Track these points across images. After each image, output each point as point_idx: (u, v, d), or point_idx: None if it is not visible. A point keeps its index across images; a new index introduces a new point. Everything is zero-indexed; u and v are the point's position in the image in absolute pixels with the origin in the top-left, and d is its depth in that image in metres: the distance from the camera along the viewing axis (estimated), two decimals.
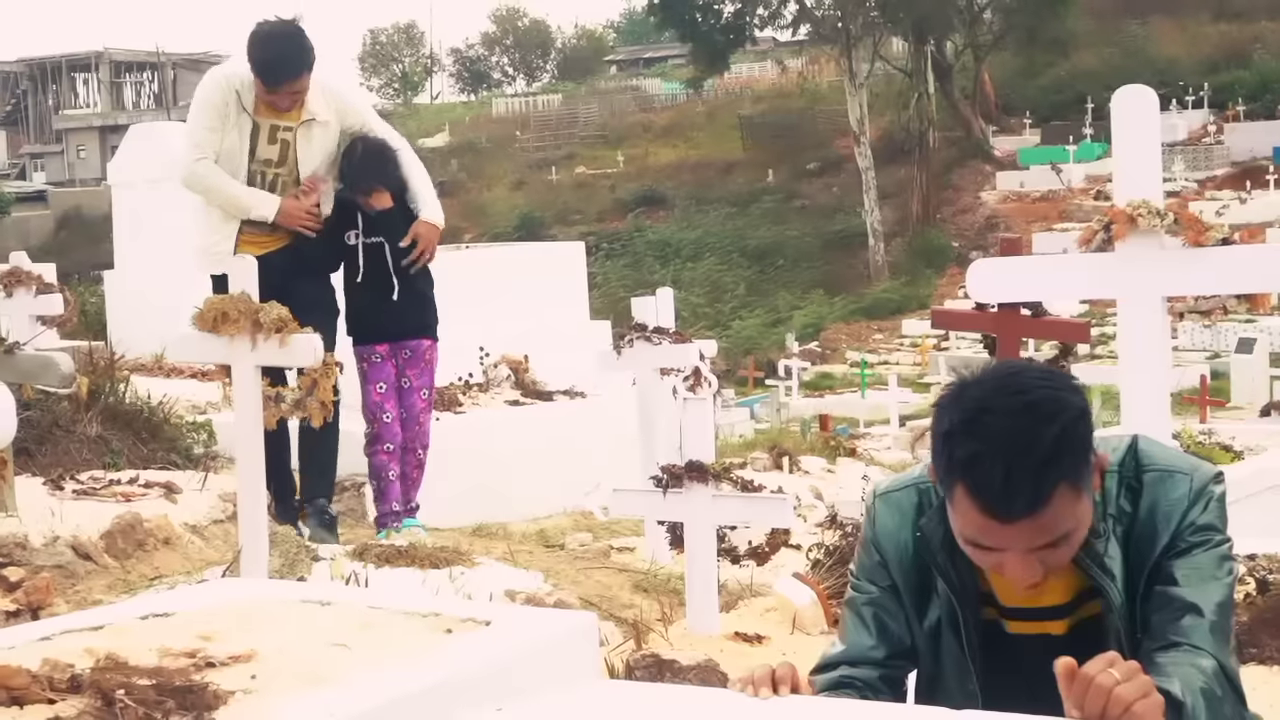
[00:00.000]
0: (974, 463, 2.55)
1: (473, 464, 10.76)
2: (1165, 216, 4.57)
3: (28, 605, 5.63)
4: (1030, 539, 2.58)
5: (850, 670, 2.86)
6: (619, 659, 5.57)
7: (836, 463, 13.48)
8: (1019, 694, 2.61)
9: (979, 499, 2.55)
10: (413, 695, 3.08)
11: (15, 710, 3.04)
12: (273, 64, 7.34)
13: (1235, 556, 2.75)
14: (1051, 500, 2.54)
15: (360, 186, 8.00)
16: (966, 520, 2.61)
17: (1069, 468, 2.56)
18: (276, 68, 7.34)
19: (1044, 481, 2.53)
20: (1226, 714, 2.58)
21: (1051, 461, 2.53)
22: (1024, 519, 2.54)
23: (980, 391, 2.62)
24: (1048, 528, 2.57)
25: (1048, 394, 2.60)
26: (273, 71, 7.32)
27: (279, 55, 7.36)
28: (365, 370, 8.13)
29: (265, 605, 3.99)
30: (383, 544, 7.90)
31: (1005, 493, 2.52)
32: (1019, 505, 2.53)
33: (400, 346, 8.19)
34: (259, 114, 7.47)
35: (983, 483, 2.54)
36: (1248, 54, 53.07)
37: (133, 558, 7.16)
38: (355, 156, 8.09)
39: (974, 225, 47.76)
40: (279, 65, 7.35)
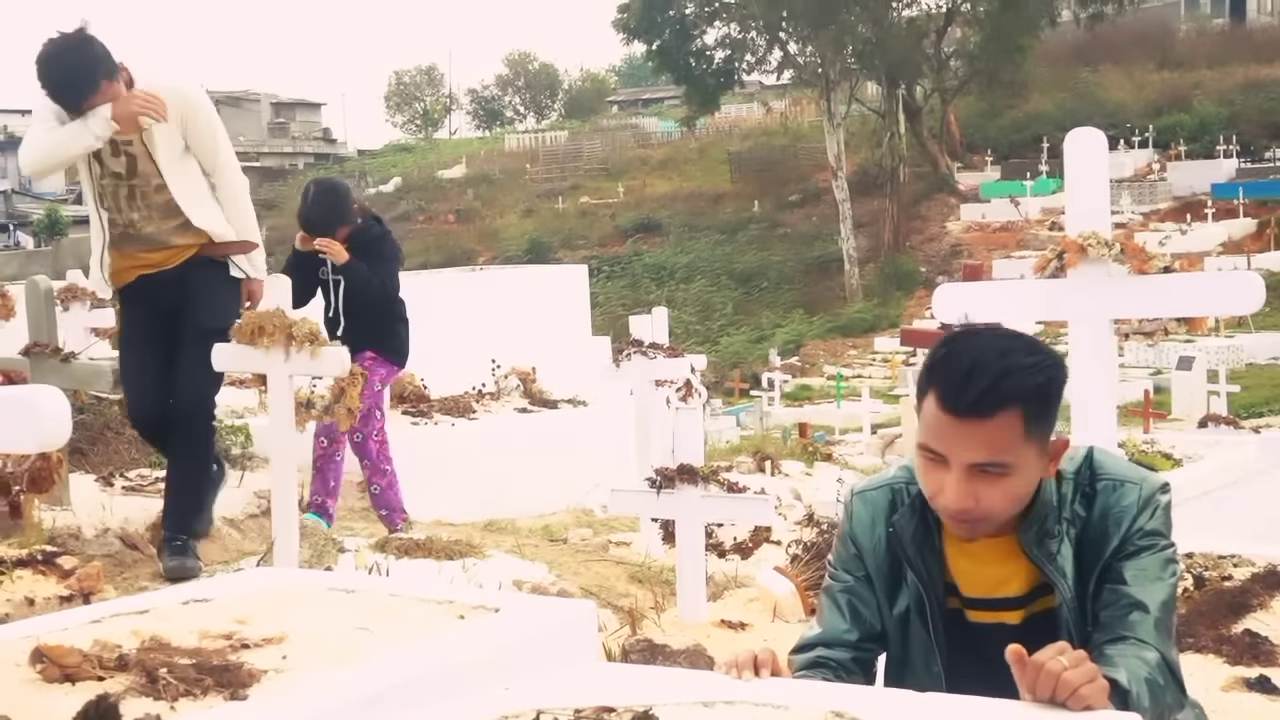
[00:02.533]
0: (946, 359, 2.61)
1: (484, 465, 10.77)
2: (1113, 246, 4.58)
3: (80, 591, 5.62)
4: (972, 450, 2.58)
5: (825, 651, 2.87)
6: (615, 643, 5.57)
7: (814, 466, 13.49)
8: (978, 677, 2.60)
9: (940, 389, 2.60)
10: (429, 675, 3.08)
11: (68, 686, 3.04)
12: (66, 85, 5.99)
13: (1178, 560, 2.75)
14: (999, 414, 2.56)
15: (323, 232, 7.80)
16: (926, 424, 2.64)
17: (1027, 396, 2.58)
18: (71, 89, 5.99)
19: (1000, 389, 2.55)
20: (1168, 701, 2.58)
21: (1013, 377, 2.56)
22: (971, 418, 2.56)
23: (977, 326, 2.71)
24: (989, 444, 2.58)
25: (1037, 342, 2.67)
26: (68, 94, 5.99)
27: (70, 75, 5.97)
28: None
29: (296, 592, 3.98)
30: (402, 537, 7.91)
31: (964, 384, 2.56)
32: (969, 397, 2.55)
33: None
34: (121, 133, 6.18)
35: (948, 374, 2.59)
36: (1189, 100, 53.11)
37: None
38: (309, 201, 7.88)
39: (940, 252, 47.76)
40: (72, 86, 5.99)
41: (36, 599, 5.48)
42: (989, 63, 50.04)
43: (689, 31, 53.04)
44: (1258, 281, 4.61)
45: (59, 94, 5.95)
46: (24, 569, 5.83)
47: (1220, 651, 4.18)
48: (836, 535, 3.03)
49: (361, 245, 8.01)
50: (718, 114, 60.94)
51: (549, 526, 9.97)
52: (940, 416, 2.60)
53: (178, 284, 6.25)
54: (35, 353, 7.68)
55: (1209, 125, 50.47)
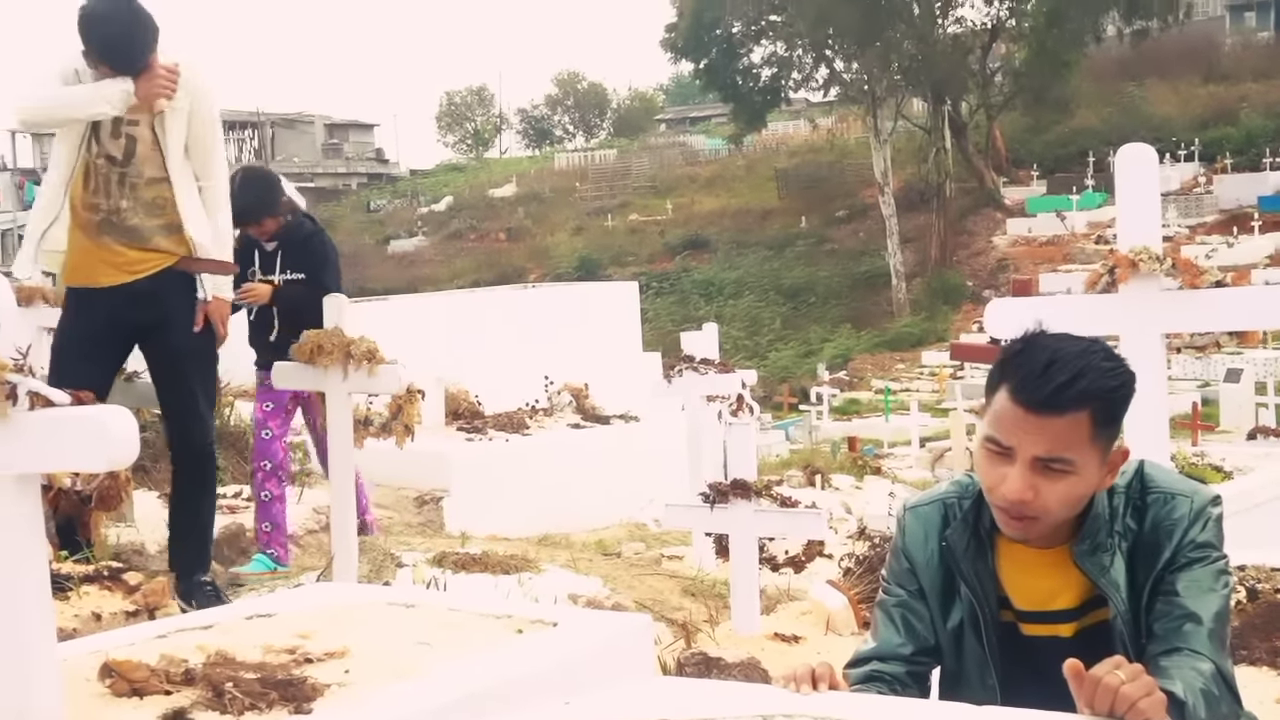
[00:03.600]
0: (1024, 353, 2.61)
1: (539, 481, 10.80)
2: (1164, 261, 4.56)
3: (145, 606, 5.65)
4: (1039, 444, 2.58)
5: (880, 665, 2.86)
6: (670, 657, 5.57)
7: (864, 480, 13.48)
8: (1032, 690, 2.60)
9: (1015, 381, 2.59)
10: (489, 689, 3.09)
11: (136, 700, 3.06)
12: (120, 44, 5.37)
13: (1230, 571, 2.74)
14: (1071, 411, 2.56)
15: (248, 220, 7.19)
16: (995, 415, 2.63)
17: (1100, 397, 2.57)
18: (124, 49, 5.39)
19: (1076, 386, 2.55)
20: (1223, 713, 2.57)
21: (1090, 376, 2.56)
22: (1044, 412, 2.56)
23: (1047, 331, 2.68)
24: (1056, 439, 2.57)
25: (1110, 349, 2.67)
26: (119, 53, 5.38)
27: (125, 35, 5.38)
28: (257, 390, 7.48)
29: (356, 607, 4.00)
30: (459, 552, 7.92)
31: (1042, 378, 2.55)
32: (1045, 392, 2.55)
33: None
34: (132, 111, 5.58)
35: (1024, 367, 2.58)
36: (1235, 113, 52.76)
37: (237, 563, 7.22)
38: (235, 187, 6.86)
39: (987, 267, 47.56)
40: (126, 46, 5.39)
41: (104, 614, 5.52)
42: (1034, 78, 49.84)
43: (736, 50, 53.07)
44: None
45: (109, 51, 5.37)
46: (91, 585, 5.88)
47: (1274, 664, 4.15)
48: (890, 550, 3.02)
49: (292, 244, 7.50)
50: (765, 131, 60.95)
51: (602, 541, 9.99)
52: (1013, 409, 2.59)
53: (149, 301, 5.64)
54: None
55: (1255, 138, 50.09)
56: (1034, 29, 49.37)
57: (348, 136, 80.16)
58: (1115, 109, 52.87)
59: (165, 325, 5.64)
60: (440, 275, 53.26)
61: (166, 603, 5.70)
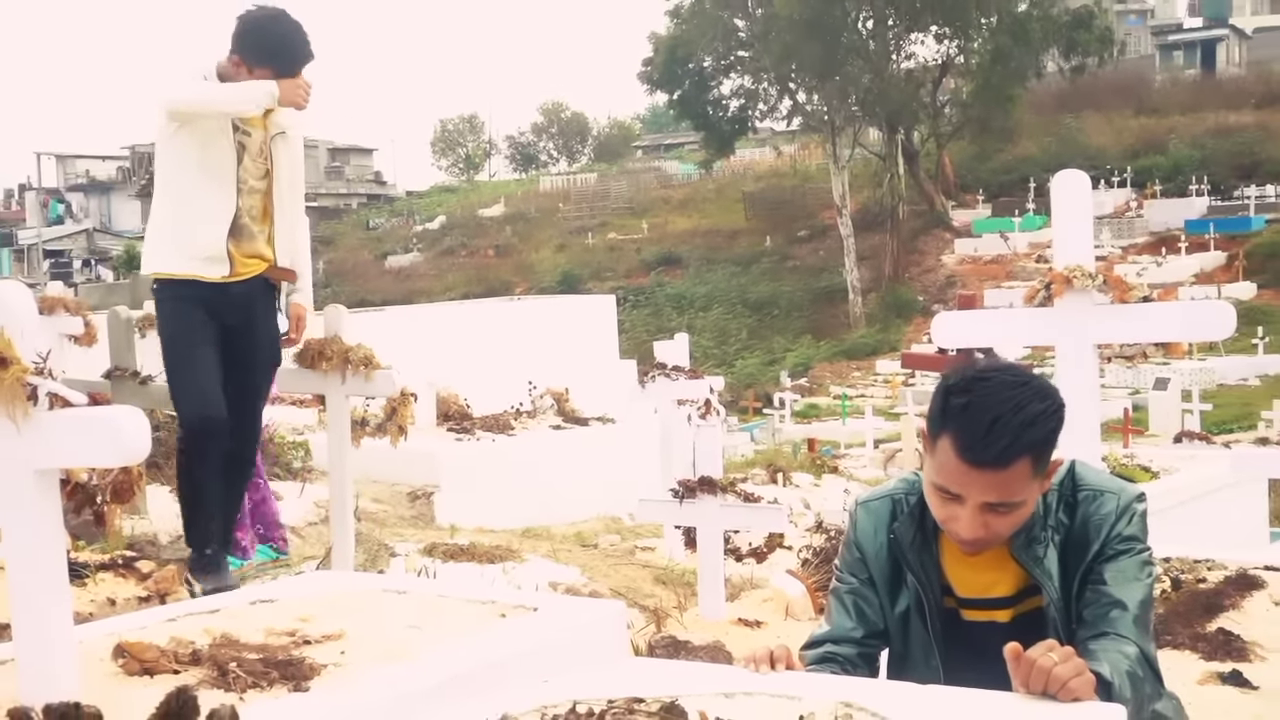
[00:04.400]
0: (964, 411, 2.58)
1: (522, 477, 10.79)
2: (1096, 278, 4.58)
3: (157, 592, 5.63)
4: (987, 492, 2.59)
5: (833, 647, 2.87)
6: (642, 640, 5.57)
7: (822, 478, 13.47)
8: (972, 670, 2.61)
9: (960, 441, 2.57)
10: (475, 669, 3.08)
11: (147, 679, 3.05)
12: (289, 48, 5.30)
13: (1154, 562, 2.76)
14: (1015, 464, 2.56)
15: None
16: (942, 465, 2.62)
17: (1039, 444, 2.58)
18: (292, 52, 5.30)
19: (1018, 442, 2.55)
20: (1147, 692, 2.58)
21: (1030, 428, 2.56)
22: (989, 469, 2.56)
23: (985, 366, 2.66)
24: (1003, 487, 2.59)
25: (1041, 384, 2.64)
26: (287, 56, 5.29)
27: (294, 40, 5.31)
28: None
29: (352, 594, 3.99)
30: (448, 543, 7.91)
31: (985, 440, 2.54)
32: (991, 454, 2.54)
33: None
34: (247, 121, 5.40)
35: (967, 427, 2.56)
36: (1164, 143, 52.97)
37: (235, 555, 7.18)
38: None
39: (936, 283, 47.67)
40: (295, 50, 5.31)
41: (118, 599, 5.50)
42: (980, 110, 50.01)
43: (707, 83, 53.14)
44: (1228, 310, 4.60)
45: (279, 54, 5.25)
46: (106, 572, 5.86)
47: (1196, 648, 4.16)
48: (843, 542, 3.03)
49: None
50: (733, 157, 61.04)
51: (581, 533, 9.98)
52: (959, 464, 2.59)
53: (245, 304, 5.51)
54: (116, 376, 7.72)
55: (1182, 167, 50.33)
56: (980, 65, 49.53)
57: (349, 160, 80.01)
58: (1054, 139, 53.04)
59: (250, 329, 5.53)
60: (433, 288, 53.18)
61: (176, 589, 5.68)
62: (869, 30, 50.11)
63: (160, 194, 5.45)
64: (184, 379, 5.48)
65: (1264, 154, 49.99)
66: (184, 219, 5.35)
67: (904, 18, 49.65)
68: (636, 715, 2.25)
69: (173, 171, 5.37)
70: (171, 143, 5.34)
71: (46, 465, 2.81)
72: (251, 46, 5.26)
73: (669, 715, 2.24)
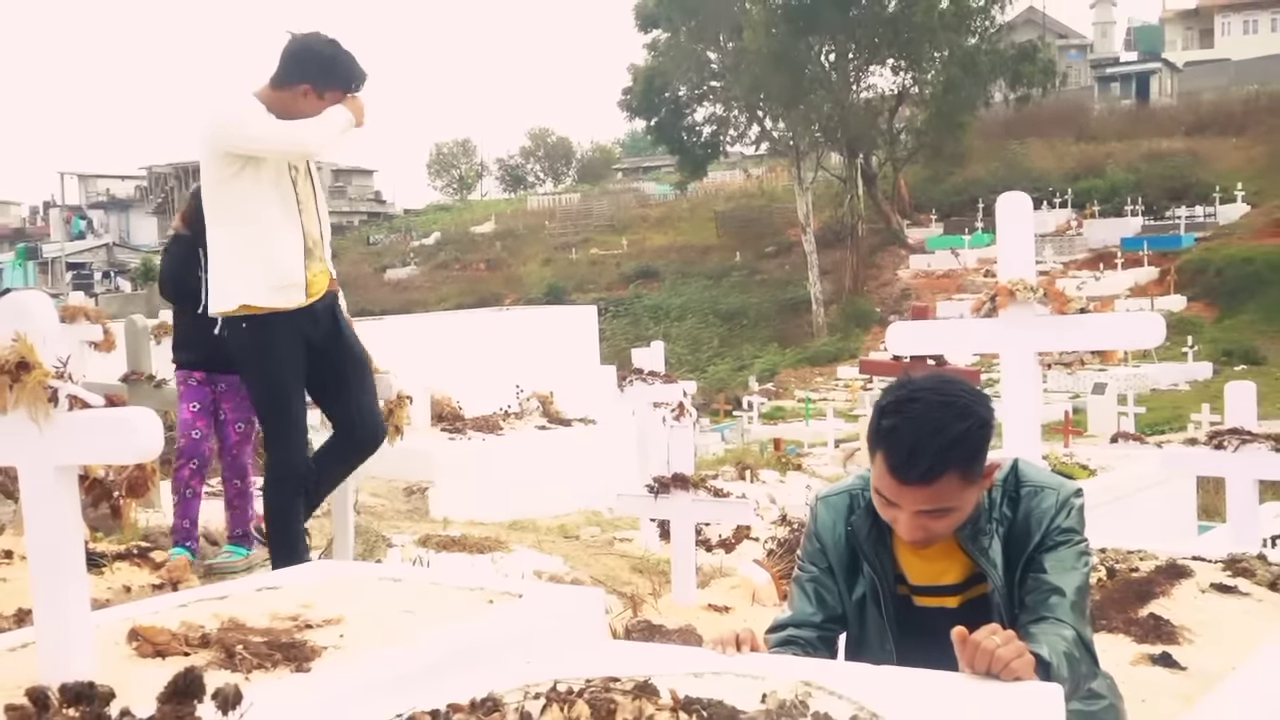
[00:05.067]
0: (891, 433, 2.62)
1: (510, 474, 10.77)
2: (1037, 291, 4.59)
3: (169, 580, 5.62)
4: (919, 502, 2.62)
5: (795, 631, 2.87)
6: (620, 624, 5.56)
7: (786, 475, 13.49)
8: (923, 652, 2.61)
9: (888, 461, 2.62)
10: (464, 650, 3.08)
11: (159, 660, 3.04)
12: (359, 76, 5.10)
13: (1091, 552, 2.77)
14: (940, 479, 2.59)
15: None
16: (879, 478, 2.67)
17: (962, 460, 2.60)
18: (359, 67, 5.10)
19: (938, 462, 2.58)
20: (1083, 672, 2.59)
21: (949, 450, 2.58)
22: (916, 485, 2.60)
23: (916, 386, 2.67)
24: (933, 498, 2.62)
25: (966, 402, 2.64)
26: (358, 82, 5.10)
27: (352, 56, 5.09)
28: (181, 391, 6.53)
29: (351, 581, 3.98)
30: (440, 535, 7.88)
31: (908, 462, 2.59)
32: (914, 474, 2.59)
33: (217, 378, 6.46)
34: None
35: (893, 449, 2.61)
36: (1102, 167, 53.15)
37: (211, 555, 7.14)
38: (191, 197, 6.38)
39: (892, 295, 47.76)
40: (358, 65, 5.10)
41: (132, 587, 5.48)
42: (933, 137, 50.19)
43: (682, 110, 53.18)
44: (1160, 321, 4.62)
45: (353, 80, 5.02)
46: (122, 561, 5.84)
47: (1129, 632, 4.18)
48: (804, 533, 3.04)
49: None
50: (706, 179, 61.01)
51: (564, 525, 9.97)
52: (890, 479, 2.64)
53: (326, 318, 5.21)
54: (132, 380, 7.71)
55: (1119, 189, 50.54)
56: (933, 95, 49.69)
57: (350, 180, 79.87)
58: (1001, 163, 53.21)
59: (337, 339, 5.21)
60: (429, 299, 53.10)
61: (187, 577, 5.67)
62: (831, 63, 50.26)
63: (229, 230, 5.05)
64: (279, 425, 5.15)
65: (1194, 177, 50.24)
66: (264, 251, 5.01)
67: (863, 51, 49.82)
68: (613, 694, 2.25)
69: (242, 207, 5.00)
70: (238, 179, 4.97)
71: (66, 462, 2.80)
72: (319, 72, 4.94)
73: (642, 694, 2.24)
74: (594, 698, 2.22)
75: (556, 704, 2.21)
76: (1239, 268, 41.87)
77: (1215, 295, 41.17)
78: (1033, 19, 65.32)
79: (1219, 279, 41.76)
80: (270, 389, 5.11)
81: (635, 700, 2.21)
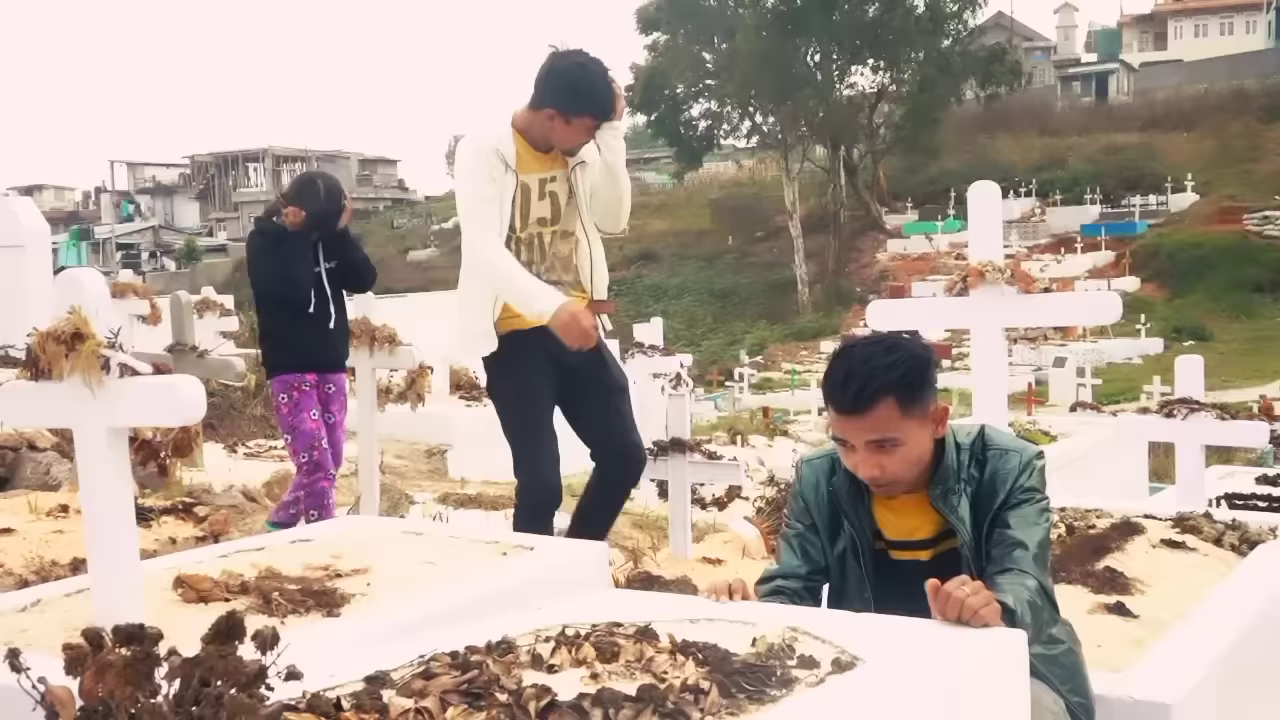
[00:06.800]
0: (830, 370, 2.67)
1: None
2: (1005, 272, 4.57)
3: (211, 533, 5.63)
4: (864, 433, 2.63)
5: (783, 582, 2.87)
6: (621, 575, 5.58)
7: (774, 440, 13.50)
8: (899, 601, 2.61)
9: (829, 396, 2.66)
10: (480, 598, 3.08)
11: (202, 605, 3.05)
12: (601, 88, 4.31)
13: (1051, 509, 2.77)
14: (876, 406, 2.60)
15: (336, 206, 5.74)
16: (831, 421, 2.70)
17: (894, 385, 2.60)
18: (606, 93, 4.33)
19: (869, 388, 2.59)
20: (1045, 619, 2.60)
21: (879, 376, 2.59)
22: (854, 414, 2.62)
23: (856, 339, 2.74)
24: (875, 428, 2.62)
25: (902, 343, 2.69)
26: (602, 98, 4.32)
27: (601, 78, 4.33)
28: (297, 398, 5.63)
29: (377, 535, 3.99)
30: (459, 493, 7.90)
31: (842, 390, 2.62)
32: (848, 400, 2.61)
33: (325, 379, 5.77)
34: (524, 169, 4.37)
35: (831, 383, 2.65)
36: (1064, 159, 53.07)
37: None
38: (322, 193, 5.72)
39: (871, 276, 47.73)
40: (607, 90, 4.33)
41: (178, 539, 5.49)
42: (910, 131, 50.14)
43: (679, 106, 53.06)
44: (1117, 299, 4.61)
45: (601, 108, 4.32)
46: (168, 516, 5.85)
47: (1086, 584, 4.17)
48: (790, 493, 3.04)
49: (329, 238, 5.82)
50: (701, 169, 60.91)
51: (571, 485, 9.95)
52: (834, 414, 2.67)
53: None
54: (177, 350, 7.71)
55: (1079, 179, 50.50)
56: (910, 93, 49.62)
57: (376, 169, 79.73)
58: (972, 155, 53.07)
59: (593, 363, 4.49)
60: (449, 278, 52.71)
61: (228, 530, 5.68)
62: (816, 63, 50.15)
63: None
64: (529, 446, 4.51)
65: (1148, 169, 50.19)
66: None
67: (846, 53, 49.71)
68: (616, 637, 2.26)
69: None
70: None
71: (118, 424, 2.80)
72: (565, 96, 4.28)
73: (643, 638, 2.25)
74: (599, 641, 2.23)
75: (565, 646, 2.22)
76: (1189, 252, 41.89)
77: (1166, 277, 41.20)
78: (1001, 23, 64.95)
79: (1170, 262, 41.78)
80: (515, 412, 4.51)
81: (637, 644, 2.22)
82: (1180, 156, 50.84)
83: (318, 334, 5.67)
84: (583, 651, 2.19)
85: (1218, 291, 39.43)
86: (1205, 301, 39.04)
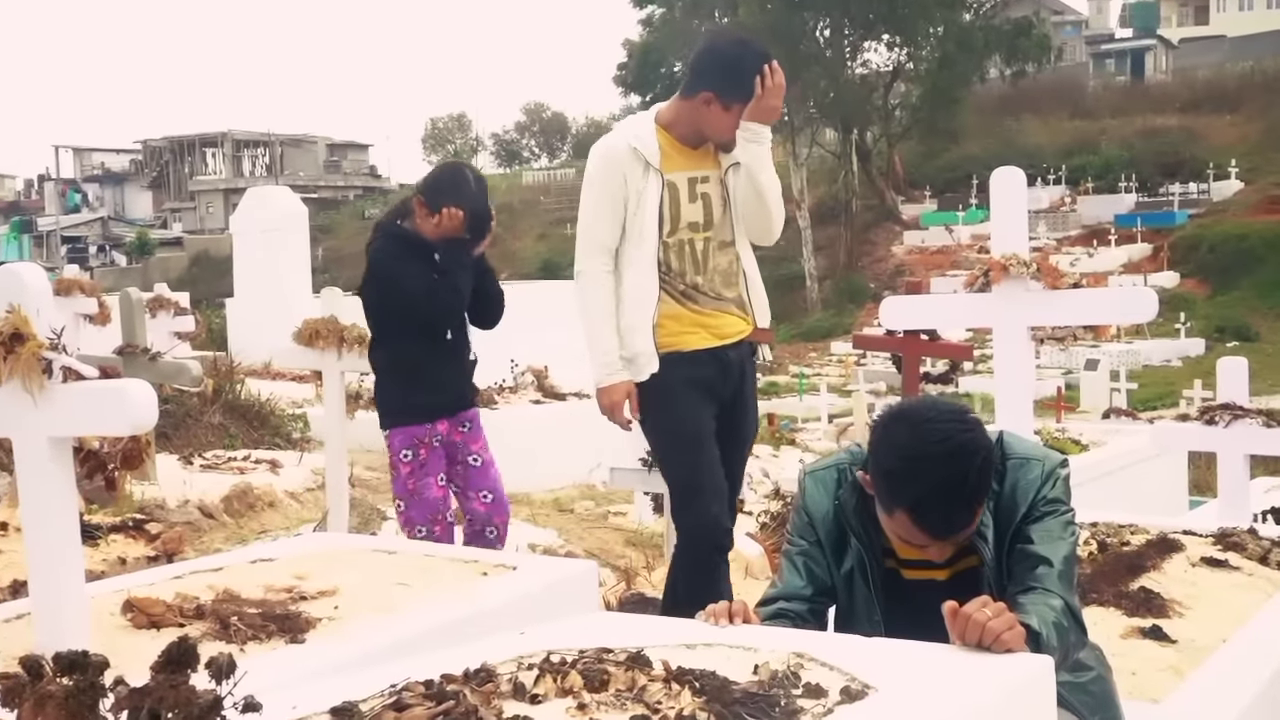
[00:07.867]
0: (919, 504, 2.61)
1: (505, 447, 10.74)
2: (1030, 266, 4.59)
3: (164, 552, 5.62)
4: (955, 543, 2.70)
5: (786, 604, 2.87)
6: (613, 596, 5.58)
7: (780, 450, 13.51)
8: (911, 624, 2.62)
9: (923, 526, 2.63)
10: (458, 621, 3.09)
11: (154, 631, 3.05)
12: (760, 68, 4.14)
13: (1077, 522, 2.78)
14: (974, 520, 2.66)
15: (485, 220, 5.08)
16: (908, 531, 2.67)
17: (984, 493, 2.66)
18: (751, 77, 4.14)
19: (971, 511, 2.64)
20: (1072, 641, 2.60)
21: (975, 494, 2.62)
22: (954, 537, 2.68)
23: (910, 438, 2.62)
24: (967, 534, 2.69)
25: (966, 439, 2.62)
26: (749, 84, 4.13)
27: (762, 59, 4.17)
28: (424, 458, 5.04)
29: (346, 553, 3.99)
30: None
31: (946, 526, 2.63)
32: (955, 531, 2.65)
33: (459, 420, 5.18)
34: (670, 167, 4.16)
35: (929, 519, 2.62)
36: (1096, 143, 53.08)
37: (244, 516, 7.17)
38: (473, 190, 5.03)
39: (886, 271, 47.73)
40: (751, 76, 4.15)
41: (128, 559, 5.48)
42: (928, 113, 50.13)
43: (676, 86, 52.98)
44: (1152, 296, 4.63)
45: (743, 86, 4.12)
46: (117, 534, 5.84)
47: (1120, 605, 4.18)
48: (793, 507, 3.04)
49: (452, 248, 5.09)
50: None
51: (558, 499, 9.98)
52: (923, 535, 2.66)
53: (734, 372, 4.26)
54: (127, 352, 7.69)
55: (1113, 165, 50.50)
56: (928, 71, 49.62)
57: (346, 155, 79.69)
58: (995, 139, 53.09)
59: (740, 401, 4.30)
60: None
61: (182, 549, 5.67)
62: (826, 39, 50.13)
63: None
64: (697, 481, 4.14)
65: (1187, 154, 50.18)
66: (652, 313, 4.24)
67: (858, 27, 49.69)
68: (606, 664, 2.26)
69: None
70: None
71: (60, 433, 2.80)
72: (722, 78, 4.13)
73: (635, 664, 2.25)
74: (587, 668, 2.23)
75: (550, 674, 2.22)
76: (1232, 244, 41.88)
77: (1208, 272, 41.17)
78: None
79: (1212, 255, 41.76)
80: (685, 433, 4.21)
81: (628, 671, 2.22)
82: (1223, 140, 50.88)
83: (459, 368, 5.12)
84: (569, 680, 2.19)
85: (1264, 288, 39.42)
86: (1250, 299, 39.05)
